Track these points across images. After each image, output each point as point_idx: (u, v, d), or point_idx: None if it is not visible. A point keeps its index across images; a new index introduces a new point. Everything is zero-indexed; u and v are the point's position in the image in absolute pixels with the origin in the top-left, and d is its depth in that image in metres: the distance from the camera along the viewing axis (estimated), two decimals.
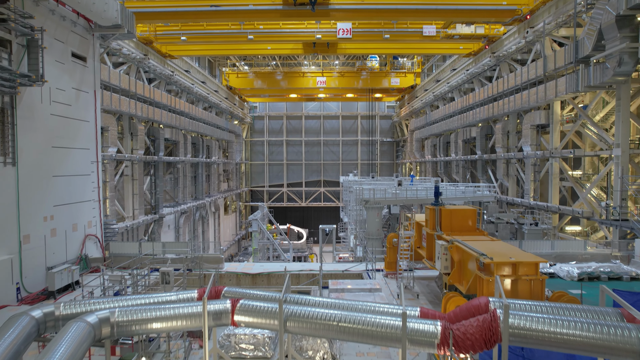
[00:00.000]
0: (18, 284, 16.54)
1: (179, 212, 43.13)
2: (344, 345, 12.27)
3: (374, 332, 8.18)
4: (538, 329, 7.32)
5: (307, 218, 68.44)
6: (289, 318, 8.65)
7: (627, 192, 26.72)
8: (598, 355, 7.16)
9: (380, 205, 29.00)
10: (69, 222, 20.18)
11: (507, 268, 10.74)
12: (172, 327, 9.05)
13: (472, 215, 15.10)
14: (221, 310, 9.06)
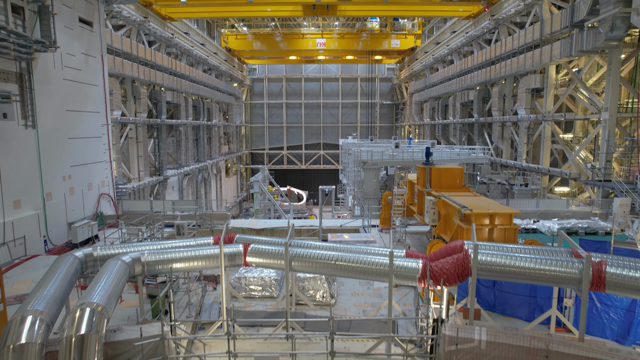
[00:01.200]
0: (45, 236, 18.10)
1: (182, 174, 44.46)
2: (341, 287, 13.92)
3: (366, 269, 9.71)
4: (501, 263, 8.82)
5: (306, 180, 70.00)
6: (294, 258, 10.15)
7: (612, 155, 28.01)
8: (547, 283, 8.69)
9: (377, 167, 30.27)
10: (85, 182, 21.54)
11: (485, 218, 12.18)
12: (192, 266, 10.56)
13: (459, 174, 16.43)
14: (235, 252, 10.55)
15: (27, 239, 16.86)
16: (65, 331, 6.93)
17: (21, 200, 16.94)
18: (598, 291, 8.56)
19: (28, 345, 6.57)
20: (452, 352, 8.07)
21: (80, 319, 7.02)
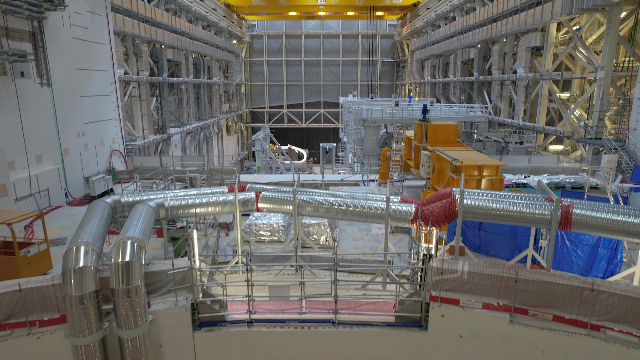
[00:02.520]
0: (65, 189, 19.34)
1: (185, 133, 45.24)
2: (342, 234, 15.32)
3: (365, 212, 10.98)
4: (484, 206, 10.07)
5: (307, 139, 70.74)
6: (301, 204, 11.39)
7: (606, 113, 28.83)
8: (524, 223, 9.98)
9: (377, 125, 31.11)
10: (97, 139, 22.52)
11: (474, 170, 13.35)
12: (210, 211, 11.84)
13: (454, 130, 17.43)
14: (248, 199, 11.79)
15: (50, 192, 18.08)
16: (113, 258, 8.25)
17: (42, 155, 18.02)
18: (565, 230, 9.86)
19: (85, 268, 7.89)
20: (438, 281, 9.45)
21: (124, 248, 8.32)
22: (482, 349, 9.12)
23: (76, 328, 7.92)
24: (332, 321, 9.57)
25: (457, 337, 9.21)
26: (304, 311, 9.90)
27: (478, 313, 9.06)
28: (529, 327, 8.76)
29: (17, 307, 8.44)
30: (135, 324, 8.27)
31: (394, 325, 9.58)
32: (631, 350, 8.00)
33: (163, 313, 9.09)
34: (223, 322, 9.64)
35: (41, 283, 8.51)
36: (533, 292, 8.91)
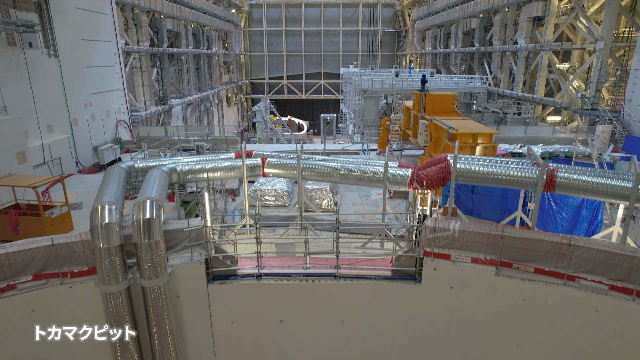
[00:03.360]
0: (75, 158, 20.04)
1: (186, 104, 45.50)
2: (343, 199, 16.14)
3: (365, 177, 11.74)
4: (475, 170, 10.82)
5: (307, 110, 70.80)
6: (305, 169, 12.14)
7: (603, 84, 29.17)
8: (512, 186, 10.76)
9: (377, 95, 31.46)
10: (103, 109, 23.03)
11: (469, 138, 14.02)
12: (219, 176, 12.58)
13: (451, 100, 17.98)
14: (254, 164, 12.53)
15: (62, 160, 18.79)
16: (134, 216, 9.05)
17: (53, 124, 18.61)
18: (550, 192, 10.65)
19: (111, 224, 8.69)
20: (431, 239, 10.30)
21: (144, 207, 9.10)
22: (470, 299, 10.07)
23: (105, 278, 8.81)
24: (334, 275, 10.49)
25: (448, 288, 10.14)
26: (308, 266, 10.81)
27: (467, 267, 9.96)
28: (513, 278, 9.67)
29: (49, 260, 9.31)
30: (156, 275, 9.16)
31: (390, 279, 10.51)
32: (600, 296, 8.93)
33: (180, 267, 9.99)
34: (234, 275, 10.56)
35: (70, 239, 9.35)
36: (517, 247, 9.77)
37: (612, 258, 9.04)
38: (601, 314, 9.03)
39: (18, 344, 9.21)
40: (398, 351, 10.95)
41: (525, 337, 9.93)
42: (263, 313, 10.71)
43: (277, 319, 10.75)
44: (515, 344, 10.06)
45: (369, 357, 11.14)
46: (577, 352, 9.50)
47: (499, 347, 10.21)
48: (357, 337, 10.89)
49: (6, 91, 15.91)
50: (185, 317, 10.43)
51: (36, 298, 9.14)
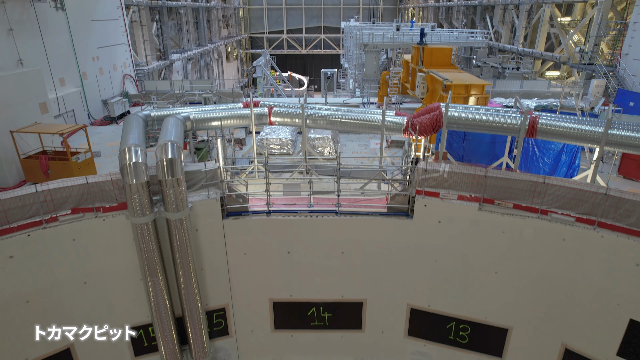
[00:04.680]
0: (87, 111, 20.91)
1: (186, 59, 45.49)
2: (343, 148, 17.21)
3: (364, 124, 12.76)
4: (465, 117, 11.82)
5: (307, 66, 70.27)
6: (308, 117, 13.12)
7: (602, 38, 29.40)
8: (498, 131, 11.80)
9: (378, 49, 31.67)
10: (110, 63, 23.59)
11: (462, 89, 14.88)
12: (229, 124, 13.60)
13: (448, 54, 18.60)
14: (262, 113, 13.50)
15: (75, 113, 19.68)
16: (158, 157, 10.16)
17: (64, 78, 19.34)
18: (532, 137, 11.70)
19: (138, 163, 9.81)
20: (423, 180, 11.47)
21: (166, 149, 10.19)
22: (456, 231, 11.40)
23: (135, 210, 10.05)
24: (335, 211, 11.76)
25: (437, 222, 11.44)
26: (312, 204, 12.07)
27: (454, 203, 11.20)
28: (494, 213, 10.94)
29: (83, 197, 10.52)
30: (178, 208, 10.41)
31: (385, 215, 11.80)
32: (567, 227, 10.23)
33: (198, 203, 11.23)
34: (246, 212, 11.84)
35: (102, 179, 10.51)
36: (499, 186, 10.96)
37: (580, 194, 10.25)
38: (567, 242, 10.37)
39: (62, 268, 10.61)
40: (392, 279, 12.43)
41: (503, 265, 11.34)
42: (272, 245, 12.08)
43: (285, 251, 12.14)
44: (494, 270, 11.49)
45: (366, 284, 12.65)
46: (546, 276, 10.93)
47: (480, 274, 11.66)
48: (355, 267, 12.33)
49: (20, 44, 16.56)
50: (204, 249, 11.80)
51: (75, 229, 10.44)
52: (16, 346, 10.52)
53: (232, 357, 13.70)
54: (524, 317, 11.75)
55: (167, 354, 11.99)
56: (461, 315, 12.40)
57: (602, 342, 10.66)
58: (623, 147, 10.80)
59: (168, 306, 11.42)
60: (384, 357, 13.76)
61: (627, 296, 9.94)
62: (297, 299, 12.84)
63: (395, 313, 12.93)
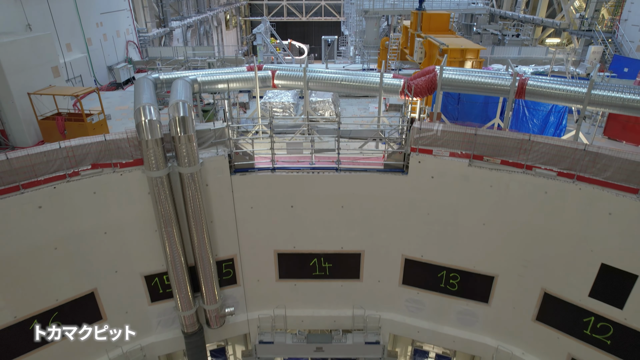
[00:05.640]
0: (93, 77, 21.43)
1: (185, 26, 45.28)
2: (343, 112, 17.89)
3: (363, 86, 13.43)
4: (459, 79, 12.49)
5: (307, 33, 69.54)
6: (310, 80, 13.77)
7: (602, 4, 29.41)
8: (490, 93, 12.50)
9: (378, 16, 31.73)
10: (113, 29, 23.88)
11: (458, 53, 15.43)
12: (234, 87, 14.26)
13: (446, 19, 18.98)
14: (265, 76, 14.14)
15: (82, 78, 20.22)
16: (170, 115, 10.92)
17: (71, 43, 19.77)
18: (521, 98, 12.41)
19: (153, 120, 10.56)
20: (418, 139, 12.25)
21: (178, 107, 10.92)
22: (447, 186, 12.28)
23: (150, 165, 10.89)
24: (336, 168, 12.62)
25: (430, 177, 12.31)
26: (313, 162, 12.91)
27: (446, 159, 12.04)
28: (482, 168, 11.78)
29: (101, 153, 11.34)
30: (190, 163, 11.25)
31: (382, 171, 12.66)
32: (549, 181, 11.10)
33: (208, 160, 12.07)
34: (252, 169, 12.69)
35: (118, 136, 11.30)
36: (488, 144, 11.76)
37: (562, 151, 11.05)
38: (549, 194, 11.26)
39: (84, 219, 11.56)
40: (388, 231, 13.43)
41: (491, 217, 12.29)
42: (276, 200, 13.01)
43: (289, 205, 13.08)
44: (482, 222, 12.45)
45: (364, 236, 13.65)
46: (529, 226, 11.89)
47: (469, 226, 12.63)
48: (354, 220, 13.30)
49: (28, 10, 16.95)
50: (213, 202, 12.73)
51: (95, 183, 11.32)
52: (48, 288, 11.62)
53: (240, 304, 14.89)
54: (508, 265, 12.81)
55: (181, 299, 13.13)
56: (451, 265, 13.47)
57: (577, 285, 11.75)
58: (605, 107, 11.52)
59: (181, 255, 12.45)
60: (381, 305, 14.96)
61: (600, 242, 10.93)
62: (300, 250, 13.88)
63: (390, 263, 14.00)
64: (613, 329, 11.55)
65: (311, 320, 15.20)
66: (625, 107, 11.16)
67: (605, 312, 11.51)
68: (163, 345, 14.43)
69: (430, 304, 14.50)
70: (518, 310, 13.28)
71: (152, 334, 14.29)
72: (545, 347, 13.21)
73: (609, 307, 11.39)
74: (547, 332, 12.95)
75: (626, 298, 11.01)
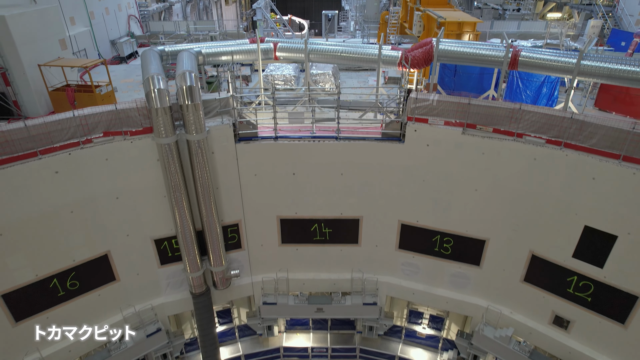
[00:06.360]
0: (97, 50, 21.74)
1: (185, 1, 44.97)
2: (343, 84, 18.32)
3: (362, 57, 13.88)
4: (454, 50, 12.94)
5: (307, 8, 68.80)
6: (311, 52, 14.20)
7: None
8: (484, 64, 12.96)
9: None
10: (115, 3, 24.02)
11: (455, 26, 15.78)
12: (238, 59, 14.71)
13: None
14: (267, 48, 14.56)
15: (86, 51, 20.55)
16: (178, 84, 11.43)
17: (74, 17, 20.02)
18: (515, 69, 12.88)
19: (162, 89, 11.09)
20: (414, 108, 12.78)
21: (185, 77, 11.42)
22: (441, 153, 12.89)
23: (159, 132, 11.48)
24: (336, 137, 13.20)
25: (425, 145, 12.91)
26: (314, 131, 13.49)
27: (440, 128, 12.60)
28: (475, 136, 12.36)
29: (112, 122, 11.90)
30: (197, 131, 11.83)
31: (380, 139, 13.25)
32: (538, 148, 11.70)
33: (214, 128, 12.64)
34: (256, 137, 13.28)
35: (128, 106, 11.83)
36: (481, 113, 12.30)
37: (551, 119, 11.60)
38: (538, 161, 11.88)
39: (98, 184, 12.22)
40: (385, 197, 14.11)
41: (482, 183, 12.95)
42: (279, 167, 13.64)
43: (290, 172, 13.72)
44: (474, 188, 13.11)
45: (362, 202, 14.35)
46: (519, 192, 12.55)
47: (462, 191, 13.30)
48: (353, 186, 13.97)
49: None
50: (219, 170, 13.37)
51: (108, 150, 11.93)
52: (65, 249, 12.39)
53: (244, 268, 15.73)
54: (499, 229, 13.54)
55: (190, 261, 13.93)
56: (445, 229, 14.21)
57: (562, 247, 12.50)
58: (594, 77, 12.01)
59: (189, 220, 13.17)
60: (378, 268, 15.79)
61: (584, 206, 11.61)
62: (301, 216, 14.61)
63: (387, 228, 14.75)
64: (594, 287, 12.37)
65: (312, 283, 16.07)
66: (612, 77, 11.66)
67: (587, 272, 12.30)
68: (172, 305, 15.33)
69: (425, 267, 15.32)
70: (507, 272, 14.09)
71: (162, 295, 15.16)
72: (531, 306, 14.08)
73: (591, 266, 12.17)
74: (534, 292, 13.79)
75: (606, 257, 11.77)
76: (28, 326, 12.51)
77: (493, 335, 14.37)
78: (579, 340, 13.39)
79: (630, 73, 11.56)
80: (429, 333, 16.99)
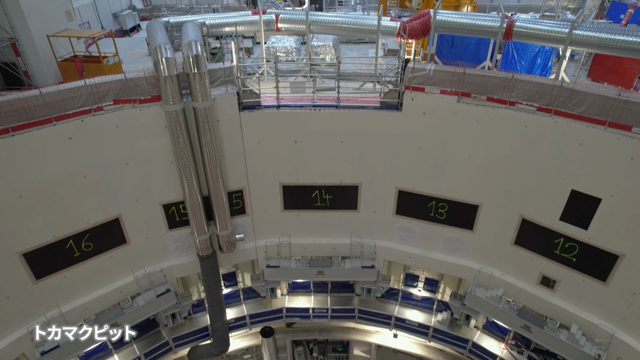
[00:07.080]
0: (100, 23, 21.98)
1: None
2: (343, 57, 18.67)
3: (362, 28, 14.28)
4: (451, 21, 13.33)
5: None
6: (312, 23, 14.58)
7: None
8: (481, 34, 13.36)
9: None
10: None
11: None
12: (241, 30, 15.11)
13: None
14: (269, 20, 14.93)
15: (90, 24, 20.82)
16: (184, 53, 11.89)
17: None
18: (509, 39, 13.29)
19: (169, 58, 11.55)
20: (412, 77, 13.25)
21: (191, 46, 11.87)
22: (437, 121, 13.44)
23: (167, 99, 12.01)
24: (336, 105, 13.73)
25: (422, 113, 13.44)
26: (315, 100, 14.00)
27: (436, 96, 13.12)
28: (469, 104, 12.89)
29: (121, 90, 12.42)
30: (203, 98, 12.35)
31: (378, 108, 13.78)
32: (529, 115, 12.24)
33: (219, 97, 13.17)
34: (259, 106, 13.81)
35: (136, 75, 12.33)
36: (475, 82, 12.80)
37: (542, 88, 12.11)
38: (529, 128, 12.44)
39: (109, 150, 12.84)
40: (383, 164, 14.73)
41: (476, 149, 13.53)
42: (281, 135, 14.22)
43: (292, 140, 14.30)
44: (468, 155, 13.71)
45: (361, 169, 14.98)
46: (511, 158, 13.15)
47: (456, 158, 13.90)
48: (352, 154, 14.57)
49: None
50: (224, 137, 13.95)
51: (118, 117, 12.50)
52: (80, 212, 13.11)
53: (248, 232, 16.49)
54: (491, 194, 14.21)
55: (197, 225, 14.67)
56: (440, 195, 14.89)
57: (550, 211, 13.20)
58: (586, 46, 12.45)
59: (196, 186, 13.83)
60: (376, 233, 16.56)
61: (571, 171, 12.23)
62: (303, 182, 15.27)
63: (385, 194, 15.43)
64: (578, 248, 13.13)
65: (313, 247, 16.87)
66: (603, 47, 12.10)
67: (573, 233, 13.03)
68: (180, 268, 16.18)
69: (420, 232, 16.07)
70: (499, 235, 14.83)
71: (170, 259, 15.98)
72: (521, 268, 14.89)
73: (576, 228, 12.89)
74: (523, 254, 14.56)
75: (591, 219, 12.47)
76: (48, 284, 13.36)
77: (484, 296, 15.22)
78: (564, 299, 14.25)
79: (620, 42, 12.00)
80: (424, 295, 17.89)
